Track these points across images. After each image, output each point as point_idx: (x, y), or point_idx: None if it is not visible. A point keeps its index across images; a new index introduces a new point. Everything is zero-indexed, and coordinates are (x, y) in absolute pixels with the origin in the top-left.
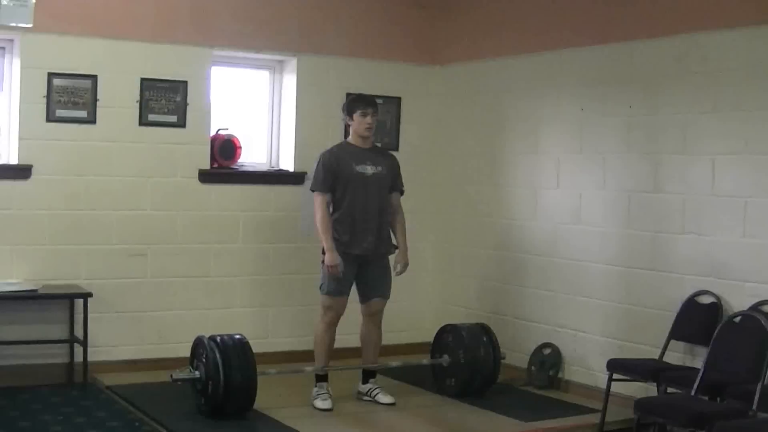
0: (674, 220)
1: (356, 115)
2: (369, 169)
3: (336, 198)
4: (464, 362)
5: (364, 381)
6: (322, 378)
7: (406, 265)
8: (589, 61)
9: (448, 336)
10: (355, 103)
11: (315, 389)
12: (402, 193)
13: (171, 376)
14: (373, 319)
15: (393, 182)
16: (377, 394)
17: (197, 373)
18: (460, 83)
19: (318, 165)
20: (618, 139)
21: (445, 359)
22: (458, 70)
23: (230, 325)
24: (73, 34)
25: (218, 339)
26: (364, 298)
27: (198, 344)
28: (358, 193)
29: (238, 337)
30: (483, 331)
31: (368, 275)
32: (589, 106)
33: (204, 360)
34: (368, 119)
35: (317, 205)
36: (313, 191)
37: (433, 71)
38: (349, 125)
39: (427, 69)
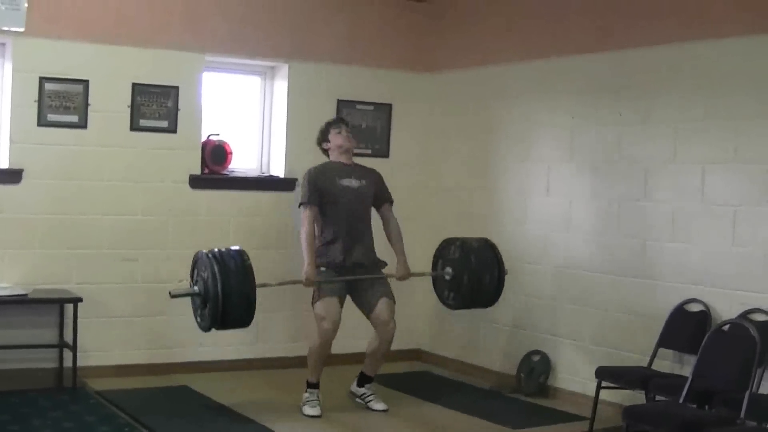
0: (663, 229)
1: (331, 135)
2: (354, 183)
3: (324, 214)
4: (468, 283)
5: (359, 384)
6: (313, 385)
7: (407, 272)
8: (580, 69)
9: (455, 251)
10: (326, 126)
11: (305, 395)
12: (392, 203)
13: (169, 293)
14: (385, 330)
15: (381, 195)
16: (371, 400)
17: (196, 288)
18: (451, 91)
19: (304, 181)
20: (608, 147)
21: (448, 272)
22: (449, 77)
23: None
24: (65, 38)
25: (216, 251)
26: (369, 307)
27: (197, 260)
28: (345, 206)
29: (235, 248)
30: (493, 259)
31: (364, 286)
32: (580, 114)
33: (203, 274)
34: (344, 132)
35: (304, 218)
36: (300, 206)
37: (424, 78)
38: (328, 149)
39: (419, 76)
